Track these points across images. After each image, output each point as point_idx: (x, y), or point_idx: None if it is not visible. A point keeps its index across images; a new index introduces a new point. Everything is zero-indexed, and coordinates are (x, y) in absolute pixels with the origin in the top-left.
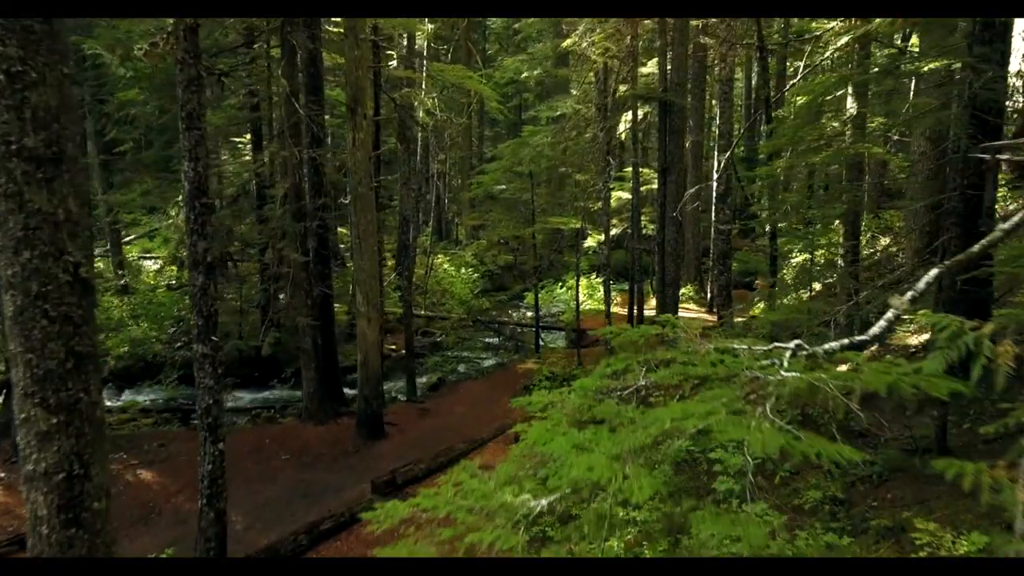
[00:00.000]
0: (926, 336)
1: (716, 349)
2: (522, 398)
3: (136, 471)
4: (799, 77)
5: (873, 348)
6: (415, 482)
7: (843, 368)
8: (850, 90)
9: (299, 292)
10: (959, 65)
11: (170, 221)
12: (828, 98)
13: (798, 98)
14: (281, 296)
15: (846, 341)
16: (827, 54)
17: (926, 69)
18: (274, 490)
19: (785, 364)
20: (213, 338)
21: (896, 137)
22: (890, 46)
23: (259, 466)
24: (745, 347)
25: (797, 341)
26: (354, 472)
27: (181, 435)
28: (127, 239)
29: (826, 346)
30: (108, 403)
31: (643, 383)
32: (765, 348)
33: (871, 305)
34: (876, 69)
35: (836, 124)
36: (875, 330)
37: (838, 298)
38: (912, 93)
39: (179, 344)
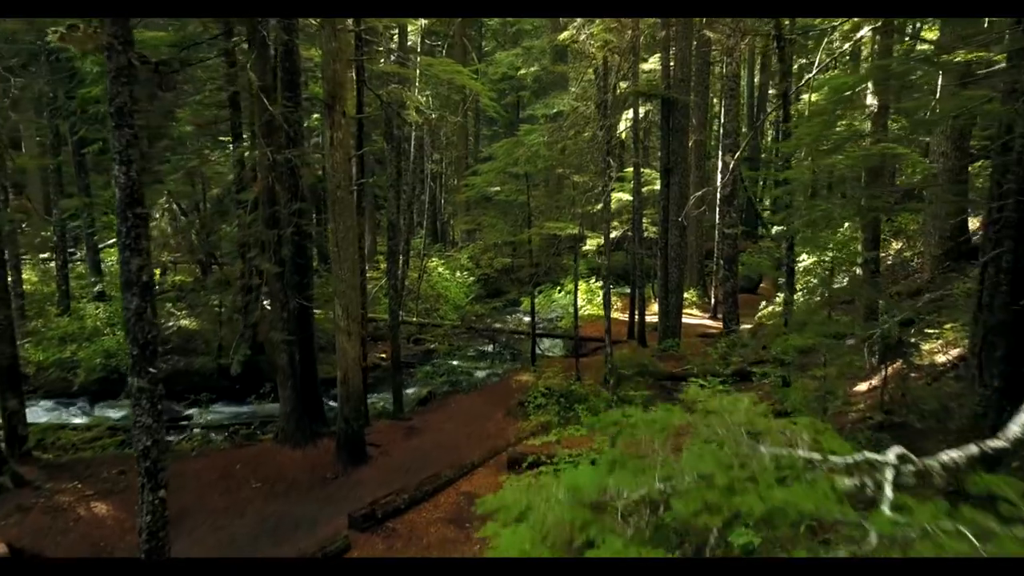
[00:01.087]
0: (956, 351)
1: (774, 457)
2: (491, 498)
3: (90, 503)
4: (815, 70)
5: (897, 366)
6: (397, 515)
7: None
8: (870, 85)
9: (274, 304)
10: (999, 56)
11: (153, 223)
12: (847, 93)
13: (811, 95)
14: (266, 304)
15: (974, 449)
16: (845, 46)
17: (959, 59)
18: (241, 525)
19: (887, 492)
20: (151, 370)
21: (924, 138)
22: (912, 37)
23: (226, 496)
24: (817, 456)
25: (899, 450)
26: (331, 502)
27: None
28: (110, 242)
29: (943, 457)
30: (76, 420)
31: (660, 487)
32: (849, 459)
33: (892, 317)
34: (914, 58)
35: (857, 123)
36: (1016, 431)
37: (856, 308)
38: (939, 88)
39: None
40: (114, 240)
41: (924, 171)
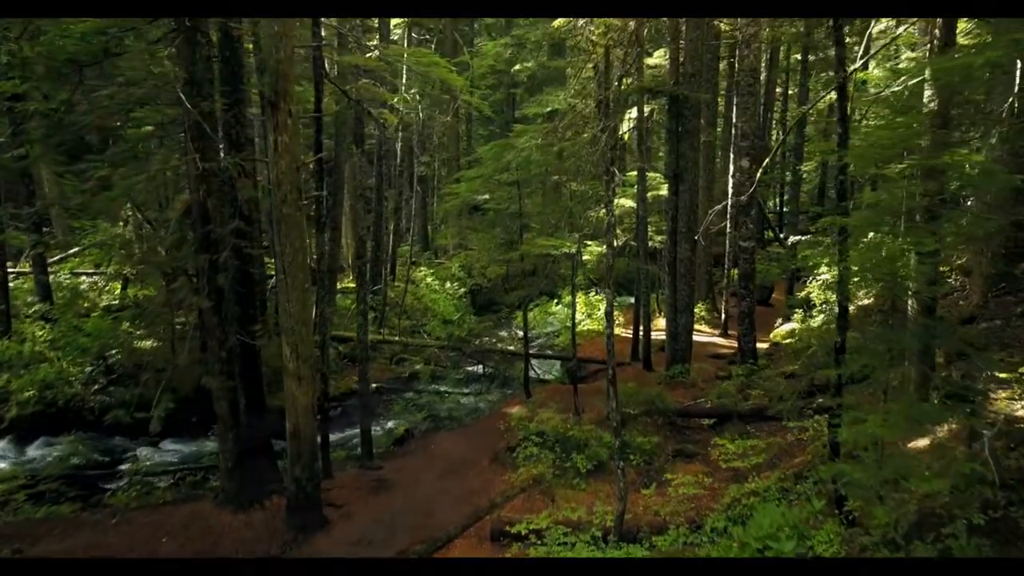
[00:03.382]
0: None
1: None
2: None
3: None
4: (861, 61)
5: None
6: None
7: None
8: (927, 75)
9: (210, 344)
10: None
11: (117, 232)
12: (897, 89)
13: (852, 90)
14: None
15: None
16: (900, 30)
17: None
18: None
19: None
20: None
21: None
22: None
23: None
24: None
25: None
26: None
27: (62, 525)
28: (72, 251)
29: None
30: None
31: None
32: None
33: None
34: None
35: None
36: None
37: (908, 354)
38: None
39: (96, 386)
40: (77, 249)
41: (969, 178)
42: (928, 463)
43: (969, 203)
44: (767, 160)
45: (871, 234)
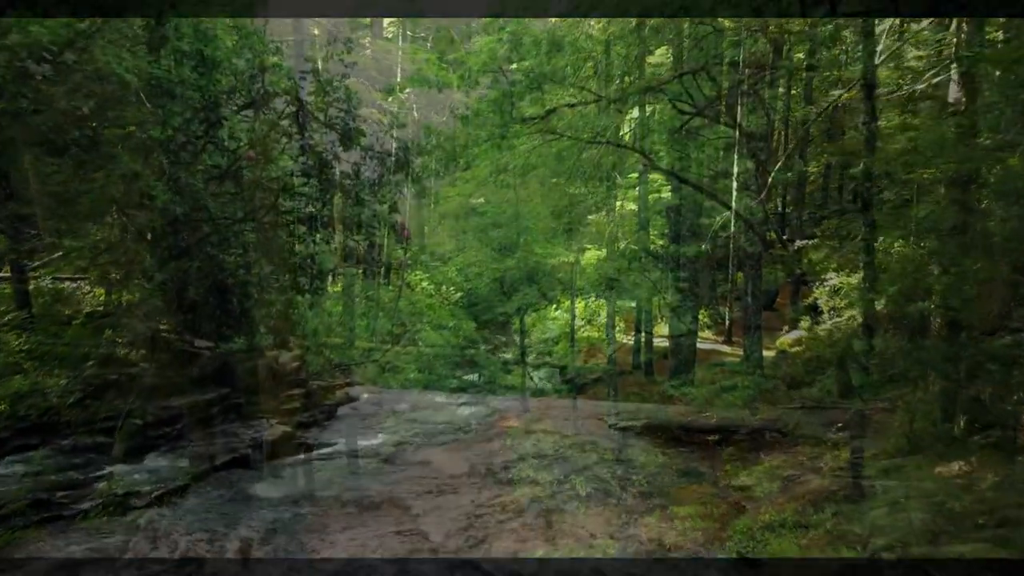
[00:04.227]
0: None
1: None
2: None
3: None
4: (882, 58)
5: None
6: None
7: None
8: (954, 75)
9: (183, 356)
10: None
11: (101, 236)
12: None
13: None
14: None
15: None
16: (922, 24)
17: None
18: None
19: None
20: None
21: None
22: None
23: None
24: None
25: None
26: None
27: (21, 550)
28: (57, 255)
29: None
30: None
31: None
32: None
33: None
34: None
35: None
36: None
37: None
38: None
39: (72, 399)
40: (59, 254)
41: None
42: (956, 491)
43: (983, 205)
44: (779, 164)
45: (880, 238)
